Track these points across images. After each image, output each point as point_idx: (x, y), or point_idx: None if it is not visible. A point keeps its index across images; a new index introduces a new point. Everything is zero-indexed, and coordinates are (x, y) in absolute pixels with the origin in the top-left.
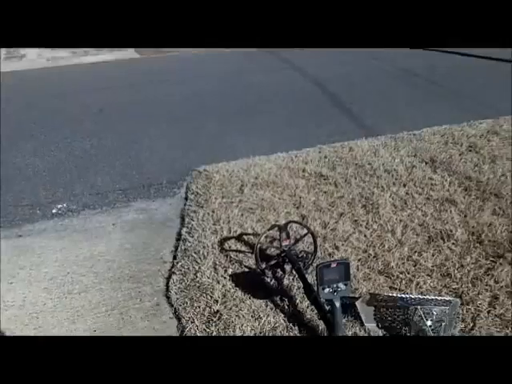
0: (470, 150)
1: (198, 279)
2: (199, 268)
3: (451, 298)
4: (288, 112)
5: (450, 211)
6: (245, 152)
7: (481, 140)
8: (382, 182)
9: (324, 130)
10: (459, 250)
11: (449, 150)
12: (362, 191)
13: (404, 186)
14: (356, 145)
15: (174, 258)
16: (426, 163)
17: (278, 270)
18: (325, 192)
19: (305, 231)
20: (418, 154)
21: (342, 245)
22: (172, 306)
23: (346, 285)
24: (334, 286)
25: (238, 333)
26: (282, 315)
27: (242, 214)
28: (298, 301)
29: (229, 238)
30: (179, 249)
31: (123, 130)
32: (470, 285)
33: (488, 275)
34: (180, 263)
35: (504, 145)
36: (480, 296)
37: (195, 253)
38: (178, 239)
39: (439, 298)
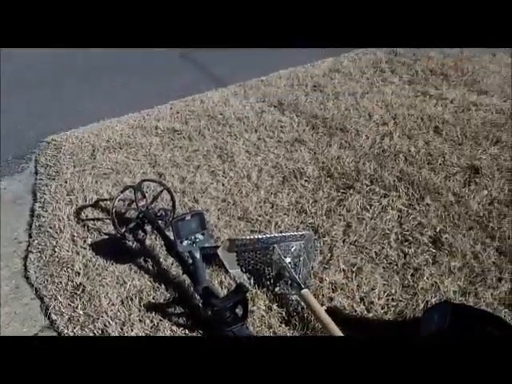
0: (315, 90)
1: (56, 254)
2: (57, 242)
3: (305, 232)
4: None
5: (301, 150)
6: (94, 116)
7: (324, 79)
8: (234, 131)
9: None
10: (312, 186)
11: (295, 91)
12: (216, 142)
13: (255, 131)
14: (207, 96)
15: (30, 236)
16: (275, 107)
17: (139, 231)
18: (180, 147)
19: (161, 188)
20: (266, 99)
21: (201, 197)
22: (32, 286)
23: (203, 234)
24: (192, 237)
25: (104, 302)
26: (147, 276)
27: (97, 181)
28: (161, 259)
29: (85, 207)
30: (33, 226)
31: None
32: (324, 217)
33: (340, 206)
34: (36, 241)
35: (345, 81)
36: (335, 227)
37: (51, 227)
38: (31, 216)
39: (294, 233)
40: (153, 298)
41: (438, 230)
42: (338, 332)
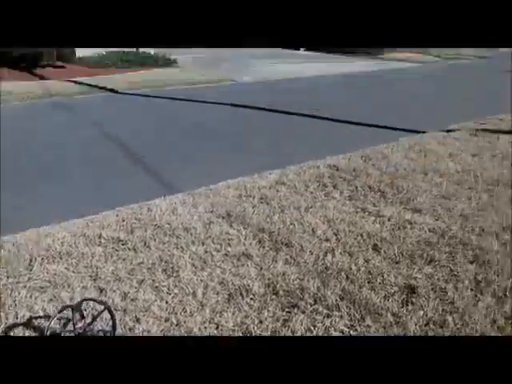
0: (262, 202)
1: None
2: None
3: None
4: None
5: (247, 265)
6: (36, 222)
7: (270, 191)
8: (181, 242)
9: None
10: (257, 304)
11: (243, 203)
12: (161, 254)
13: (203, 244)
14: (155, 204)
15: None
16: (223, 218)
17: None
18: (124, 259)
19: (101, 308)
20: (214, 210)
21: (144, 316)
22: None
23: None
24: None
25: None
26: None
27: (31, 295)
28: None
29: (16, 326)
30: None
31: None
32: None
33: (285, 327)
34: None
35: (291, 194)
36: None
37: None
38: None
39: None
40: None
41: None
42: None
